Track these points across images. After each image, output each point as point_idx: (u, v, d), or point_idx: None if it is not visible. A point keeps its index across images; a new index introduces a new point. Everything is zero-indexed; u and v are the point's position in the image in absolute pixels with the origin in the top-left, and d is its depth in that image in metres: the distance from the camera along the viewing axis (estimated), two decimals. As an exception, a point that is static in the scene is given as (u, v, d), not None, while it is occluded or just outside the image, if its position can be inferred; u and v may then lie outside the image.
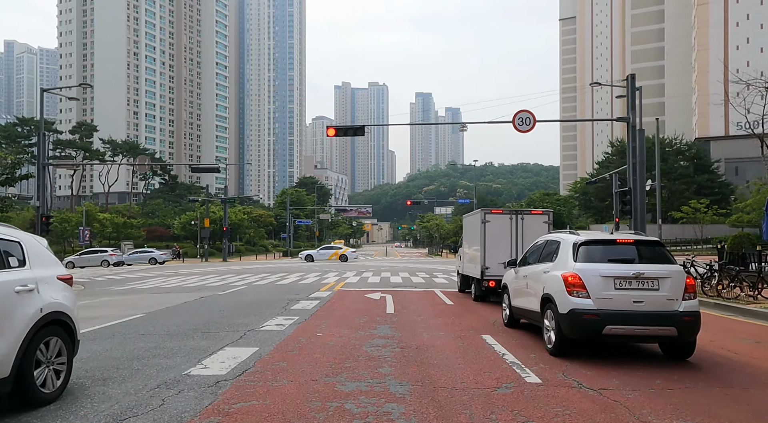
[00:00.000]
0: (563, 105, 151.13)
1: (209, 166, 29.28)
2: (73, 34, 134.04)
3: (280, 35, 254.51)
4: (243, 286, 19.63)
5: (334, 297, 14.77)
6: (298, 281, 21.61)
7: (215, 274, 27.92)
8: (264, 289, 17.71)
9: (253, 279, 23.56)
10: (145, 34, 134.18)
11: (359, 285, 19.39)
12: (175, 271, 33.08)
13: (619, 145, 60.03)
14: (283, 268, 34.26)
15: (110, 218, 53.22)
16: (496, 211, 13.05)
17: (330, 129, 19.70)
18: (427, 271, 29.17)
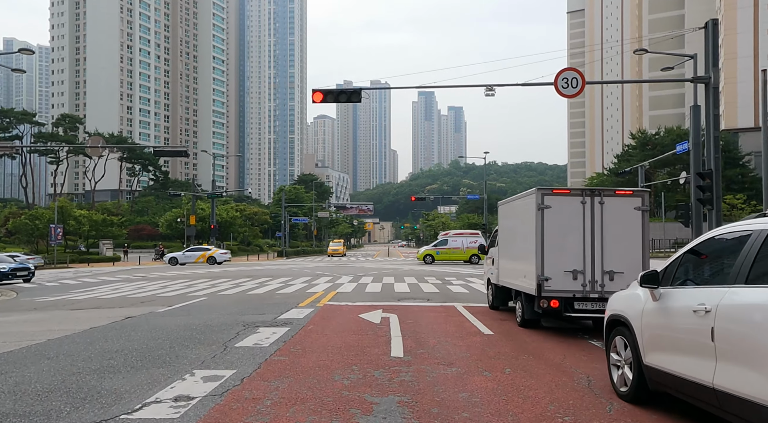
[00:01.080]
0: (571, 100, 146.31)
1: (174, 149, 24.92)
2: (65, 27, 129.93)
3: (281, 32, 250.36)
4: (203, 297, 15.13)
5: (314, 319, 10.24)
6: (278, 289, 17.13)
7: (186, 279, 23.48)
8: (226, 303, 13.22)
9: (225, 286, 19.10)
10: (140, 26, 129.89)
11: (354, 296, 14.89)
12: (144, 274, 28.62)
13: (641, 136, 55.46)
14: (270, 271, 29.80)
15: (87, 215, 48.76)
16: (561, 190, 8.52)
17: (316, 94, 15.21)
18: (437, 275, 24.64)
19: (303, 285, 19.05)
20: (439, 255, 37.26)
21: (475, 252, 36.65)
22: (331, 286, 18.26)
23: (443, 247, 37.44)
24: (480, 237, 38.37)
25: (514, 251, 9.78)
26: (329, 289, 17.29)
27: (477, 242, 37.06)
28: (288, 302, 13.20)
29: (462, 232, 40.01)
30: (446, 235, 38.98)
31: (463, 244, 37.05)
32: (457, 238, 37.83)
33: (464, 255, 36.92)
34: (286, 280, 21.40)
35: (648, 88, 78.47)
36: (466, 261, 37.03)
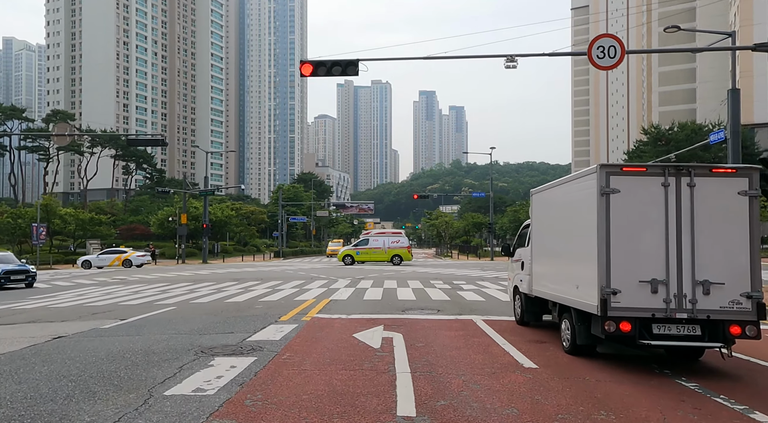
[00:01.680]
0: (575, 98, 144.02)
1: (150, 138, 22.55)
2: (60, 23, 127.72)
3: (281, 31, 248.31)
4: (172, 306, 12.75)
5: (294, 342, 7.86)
6: (262, 296, 14.76)
7: (166, 283, 21.13)
8: (193, 315, 10.84)
9: (204, 291, 16.74)
10: (136, 23, 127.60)
11: (350, 305, 12.51)
12: (124, 277, 26.27)
13: (655, 132, 53.01)
14: (261, 273, 27.44)
15: (74, 214, 46.37)
16: (633, 167, 6.12)
17: (305, 66, 12.83)
18: (444, 278, 22.26)
19: (293, 290, 16.68)
20: (359, 255, 35.20)
21: (398, 252, 34.85)
22: (324, 292, 15.89)
23: (364, 247, 35.37)
24: (403, 236, 36.15)
25: (560, 252, 7.39)
26: (322, 296, 14.91)
27: (399, 242, 35.24)
28: (268, 314, 10.82)
29: (384, 231, 37.90)
30: (367, 234, 36.85)
31: (384, 244, 35.06)
32: (379, 237, 35.77)
33: (385, 255, 34.94)
34: (275, 285, 19.04)
35: (658, 84, 76.00)
36: (388, 261, 35.03)
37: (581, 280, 6.46)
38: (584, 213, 6.38)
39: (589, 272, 6.19)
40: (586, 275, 6.27)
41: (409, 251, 35.50)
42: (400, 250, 34.96)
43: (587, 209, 6.28)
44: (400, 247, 35.05)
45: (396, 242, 35.17)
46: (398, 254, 34.71)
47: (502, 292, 15.75)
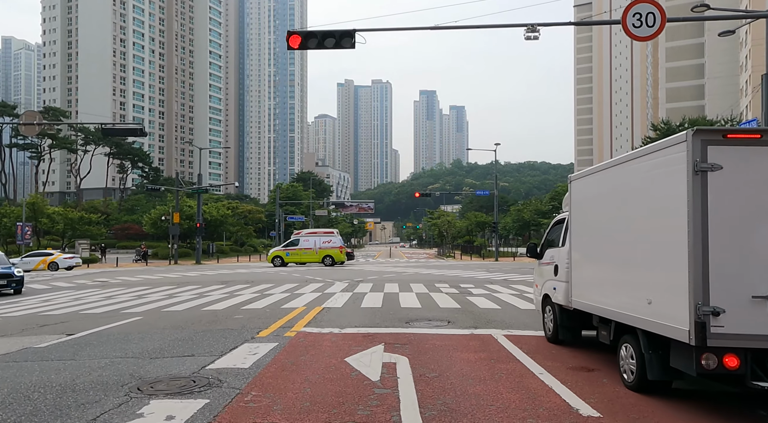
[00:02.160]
0: (578, 96, 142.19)
1: (127, 126, 20.75)
2: (57, 21, 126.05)
3: (281, 29, 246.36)
4: (137, 316, 10.97)
5: (266, 371, 6.05)
6: (246, 303, 12.98)
7: (148, 287, 19.38)
8: (155, 329, 9.06)
9: (183, 297, 14.97)
10: (133, 20, 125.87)
11: (345, 316, 10.72)
12: (106, 279, 24.50)
13: (665, 128, 51.19)
14: (253, 275, 25.69)
15: (63, 213, 44.64)
16: (741, 133, 4.32)
17: (293, 38, 11.06)
18: (449, 281, 20.49)
19: (283, 295, 14.90)
20: (289, 256, 33.55)
21: (329, 252, 33.25)
22: (317, 298, 14.10)
23: (293, 248, 33.69)
24: (336, 236, 34.46)
25: (619, 254, 5.57)
26: (314, 302, 13.12)
27: (331, 242, 33.58)
28: (246, 328, 9.04)
29: (315, 231, 36.15)
30: (298, 234, 35.07)
31: (315, 245, 33.42)
32: (310, 237, 34.05)
33: (316, 256, 33.37)
34: (265, 289, 17.26)
35: (665, 80, 74.15)
36: (319, 262, 33.46)
37: (657, 292, 4.68)
38: (664, 200, 4.59)
39: (671, 282, 4.41)
40: (667, 287, 4.49)
41: (341, 251, 33.78)
42: (331, 250, 33.38)
43: (670, 194, 4.49)
44: (331, 247, 33.48)
45: (328, 242, 33.59)
46: (330, 255, 33.20)
47: (517, 298, 13.98)
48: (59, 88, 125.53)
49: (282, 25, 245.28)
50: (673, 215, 4.42)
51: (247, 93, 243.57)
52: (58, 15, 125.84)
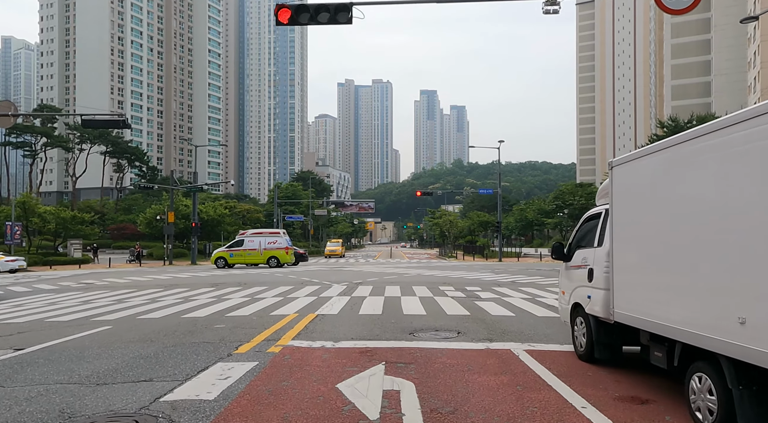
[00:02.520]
0: (580, 95, 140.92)
1: (109, 118, 19.56)
2: (54, 19, 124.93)
3: (281, 29, 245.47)
4: (106, 325, 9.73)
5: (232, 410, 4.76)
6: (232, 309, 11.75)
7: (133, 289, 18.18)
8: (121, 342, 7.83)
9: (166, 302, 13.75)
10: (131, 17, 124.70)
11: (340, 325, 9.48)
12: (93, 281, 23.30)
13: (672, 125, 49.96)
14: (247, 277, 24.49)
15: (54, 212, 43.42)
16: None
17: (282, 11, 9.84)
18: (454, 283, 19.27)
19: (275, 300, 13.67)
20: (233, 257, 32.51)
21: (274, 254, 32.22)
22: (312, 303, 12.87)
23: (238, 249, 32.67)
24: (281, 236, 33.27)
25: (688, 255, 4.29)
26: (307, 308, 11.88)
27: (277, 242, 32.51)
28: (225, 341, 7.81)
29: (261, 231, 35.02)
30: (243, 234, 34.03)
31: (260, 245, 32.40)
32: (255, 238, 32.99)
33: (261, 257, 32.34)
34: (257, 292, 16.04)
35: (671, 77, 72.84)
36: (264, 264, 32.36)
37: (758, 309, 3.43)
38: (762, 184, 3.35)
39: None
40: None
41: (287, 253, 32.62)
42: (276, 251, 32.34)
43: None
44: (277, 248, 32.42)
45: (273, 243, 32.56)
46: (275, 256, 32.21)
47: (530, 303, 12.76)
48: (57, 86, 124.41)
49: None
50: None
51: (247, 92, 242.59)
52: (56, 13, 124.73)
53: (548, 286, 17.81)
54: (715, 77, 67.45)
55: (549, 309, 11.56)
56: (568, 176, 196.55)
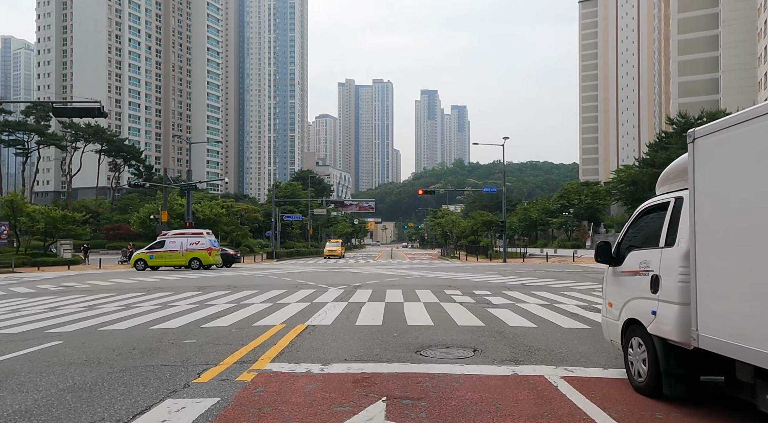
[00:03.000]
0: (583, 94, 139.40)
1: (81, 105, 18.01)
2: (51, 16, 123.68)
3: (281, 28, 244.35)
4: (58, 340, 8.25)
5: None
6: (213, 317, 10.28)
7: (112, 293, 16.74)
8: (61, 365, 6.35)
9: (144, 308, 12.30)
10: (129, 15, 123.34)
11: (333, 340, 8.01)
12: (73, 284, 21.85)
13: (682, 122, 48.47)
14: (239, 279, 23.06)
15: (44, 211, 41.98)
16: None
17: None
18: (460, 286, 17.80)
19: (263, 306, 12.21)
20: (153, 259, 31.03)
21: (197, 255, 30.82)
22: (303, 311, 11.40)
23: (158, 250, 31.21)
24: (204, 237, 31.75)
25: None
26: (297, 317, 10.41)
27: (199, 243, 31.07)
28: (188, 364, 6.35)
29: (183, 231, 33.52)
30: (164, 235, 32.53)
31: (182, 246, 31.02)
32: (176, 238, 31.59)
33: (182, 259, 30.90)
34: (244, 297, 14.58)
35: (678, 74, 71.35)
36: (186, 266, 30.89)
37: None
38: None
39: None
40: None
41: (209, 254, 31.15)
42: (199, 252, 30.91)
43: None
44: (199, 249, 31.00)
45: (195, 243, 31.17)
46: (197, 257, 30.81)
47: (549, 310, 11.29)
48: (54, 85, 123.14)
49: (282, 23, 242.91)
50: None
51: (247, 92, 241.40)
52: (53, 11, 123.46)
53: (563, 290, 16.36)
54: (723, 74, 65.93)
55: (574, 319, 10.09)
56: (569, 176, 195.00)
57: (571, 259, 40.82)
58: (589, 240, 56.29)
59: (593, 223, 61.22)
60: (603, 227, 64.75)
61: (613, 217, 76.24)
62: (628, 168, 56.93)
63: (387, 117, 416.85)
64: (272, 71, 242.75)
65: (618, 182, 55.17)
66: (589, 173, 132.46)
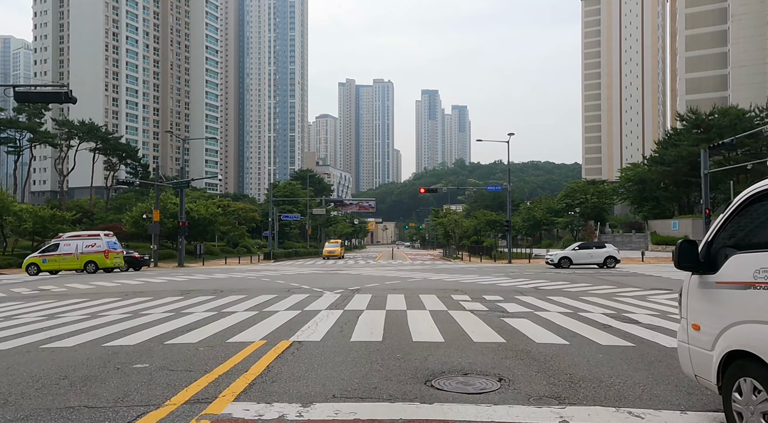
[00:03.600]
0: (585, 93, 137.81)
1: (47, 89, 16.27)
2: (48, 14, 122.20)
3: (281, 27, 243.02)
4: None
5: None
6: (185, 329, 8.73)
7: (86, 299, 15.21)
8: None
9: (112, 317, 10.75)
10: (126, 13, 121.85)
11: (321, 366, 6.42)
12: (50, 287, 20.32)
13: (692, 118, 46.85)
14: (229, 282, 21.54)
15: (32, 210, 40.47)
16: None
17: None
18: (467, 290, 16.22)
19: (245, 316, 10.64)
20: (47, 264, 29.38)
21: (92, 258, 29.21)
22: (290, 322, 9.83)
23: (52, 254, 29.52)
24: (101, 239, 30.18)
25: None
26: (281, 332, 8.83)
27: (96, 245, 29.44)
28: (123, 404, 4.77)
29: (79, 233, 31.89)
30: (59, 238, 30.95)
31: (77, 249, 29.38)
32: (71, 241, 29.87)
33: (77, 262, 29.34)
34: (228, 303, 13.02)
35: (685, 70, 69.73)
36: (81, 270, 29.39)
37: None
38: None
39: None
40: None
41: (106, 256, 29.57)
42: (95, 255, 29.35)
43: None
44: (95, 252, 29.43)
45: (91, 246, 29.56)
46: (93, 260, 29.29)
47: (575, 320, 9.72)
48: (50, 83, 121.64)
49: (282, 22, 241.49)
50: None
51: (247, 92, 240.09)
52: (49, 8, 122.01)
53: (581, 295, 14.80)
54: (733, 69, 64.29)
55: (609, 332, 8.52)
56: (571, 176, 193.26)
57: (579, 259, 39.24)
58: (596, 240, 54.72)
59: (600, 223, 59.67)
60: (608, 227, 63.19)
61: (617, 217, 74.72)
62: (635, 166, 55.32)
63: (387, 117, 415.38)
64: (272, 71, 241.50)
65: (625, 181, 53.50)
66: (591, 172, 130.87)
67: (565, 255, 30.67)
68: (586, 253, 30.50)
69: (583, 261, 30.34)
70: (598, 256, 30.17)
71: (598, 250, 30.73)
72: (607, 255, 29.98)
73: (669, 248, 44.18)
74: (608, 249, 30.62)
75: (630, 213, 69.12)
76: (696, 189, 49.37)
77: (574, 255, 30.43)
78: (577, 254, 30.48)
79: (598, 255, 30.18)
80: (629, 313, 11.06)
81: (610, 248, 30.91)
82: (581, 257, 30.33)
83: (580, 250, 30.81)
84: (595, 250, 30.78)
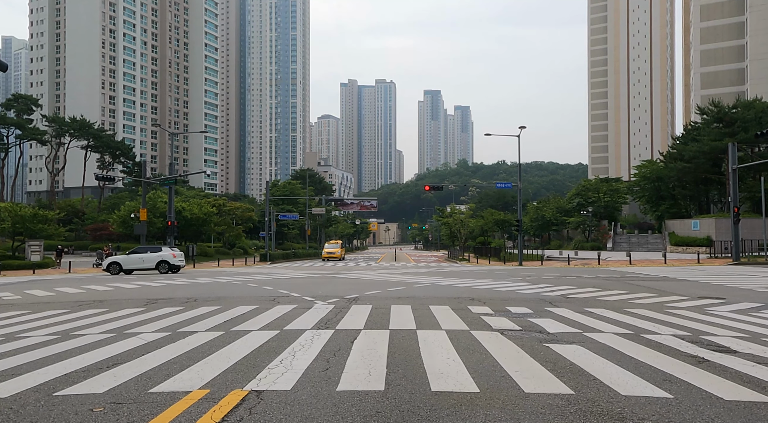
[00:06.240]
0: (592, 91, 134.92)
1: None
2: (44, 11, 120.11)
3: (283, 27, 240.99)
4: None
5: None
6: (109, 364, 6.08)
7: (28, 311, 12.61)
8: None
9: (36, 339, 8.09)
10: (123, 9, 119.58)
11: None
12: (8, 294, 17.72)
13: (714, 111, 44.10)
14: (214, 287, 18.92)
15: (11, 209, 37.94)
16: None
17: None
18: (485, 299, 13.51)
19: (201, 341, 7.99)
20: None
21: None
22: (257, 351, 7.18)
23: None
24: None
25: None
26: (238, 372, 6.18)
27: None
28: None
29: None
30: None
31: None
32: None
33: None
34: (191, 318, 10.38)
35: (700, 64, 66.97)
36: None
37: None
38: None
39: None
40: None
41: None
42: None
43: None
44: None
45: None
46: None
47: (648, 349, 7.09)
48: (47, 82, 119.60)
49: (284, 22, 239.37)
50: None
51: (248, 91, 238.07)
52: (46, 5, 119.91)
53: (623, 305, 12.12)
54: (751, 63, 61.52)
55: (713, 371, 5.84)
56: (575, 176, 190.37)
57: (596, 262, 36.48)
58: (611, 241, 51.84)
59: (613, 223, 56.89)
60: (620, 227, 60.46)
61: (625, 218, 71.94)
62: (651, 163, 52.50)
63: (390, 117, 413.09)
64: (274, 70, 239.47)
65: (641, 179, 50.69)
66: (598, 172, 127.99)
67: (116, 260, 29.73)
68: (138, 258, 29.43)
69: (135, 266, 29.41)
70: (150, 261, 29.19)
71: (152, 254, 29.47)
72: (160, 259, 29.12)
73: (690, 249, 41.45)
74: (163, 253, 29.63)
75: (641, 213, 66.26)
76: (716, 187, 46.69)
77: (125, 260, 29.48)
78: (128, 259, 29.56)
79: (150, 259, 29.20)
80: (707, 334, 8.40)
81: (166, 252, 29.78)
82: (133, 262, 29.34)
83: (132, 255, 29.79)
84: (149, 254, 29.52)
